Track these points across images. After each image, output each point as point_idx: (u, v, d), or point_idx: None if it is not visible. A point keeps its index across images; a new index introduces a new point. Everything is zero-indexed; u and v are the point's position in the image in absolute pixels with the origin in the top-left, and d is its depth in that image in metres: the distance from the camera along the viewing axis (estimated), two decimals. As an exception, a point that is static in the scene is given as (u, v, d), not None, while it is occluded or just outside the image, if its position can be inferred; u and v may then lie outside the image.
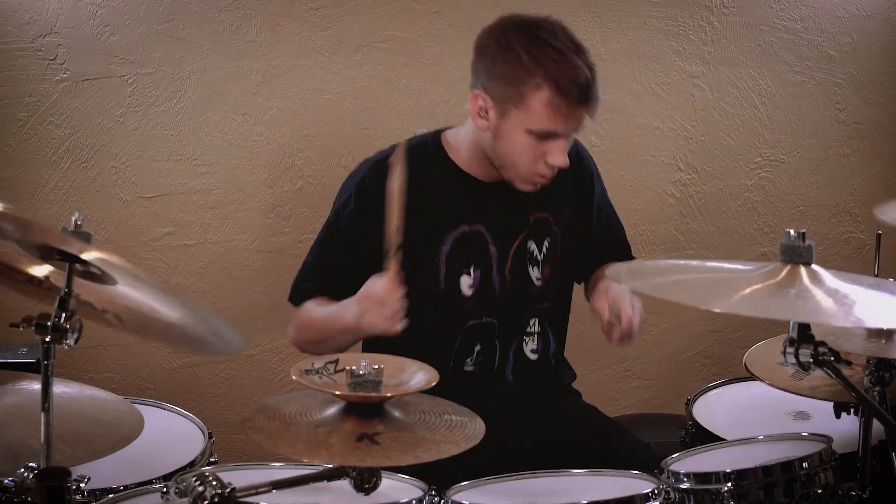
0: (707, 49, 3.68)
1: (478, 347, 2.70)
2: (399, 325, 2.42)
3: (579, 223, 2.80)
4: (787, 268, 1.94)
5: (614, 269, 2.31)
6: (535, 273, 2.73)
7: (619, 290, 2.54)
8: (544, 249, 2.73)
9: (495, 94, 2.51)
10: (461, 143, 2.67)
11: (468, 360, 2.70)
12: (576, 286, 2.92)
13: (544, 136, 2.50)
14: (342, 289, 2.57)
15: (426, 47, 3.50)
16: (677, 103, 3.68)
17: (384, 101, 3.52)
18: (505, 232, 2.67)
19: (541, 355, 2.77)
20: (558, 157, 2.51)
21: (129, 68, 3.39)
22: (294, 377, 1.89)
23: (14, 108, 3.35)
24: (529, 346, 2.76)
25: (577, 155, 2.76)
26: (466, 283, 2.66)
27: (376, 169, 2.63)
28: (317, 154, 3.52)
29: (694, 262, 2.06)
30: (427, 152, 2.68)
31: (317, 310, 2.64)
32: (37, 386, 2.09)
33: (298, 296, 2.71)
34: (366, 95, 3.50)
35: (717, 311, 1.82)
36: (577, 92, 2.46)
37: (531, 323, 2.75)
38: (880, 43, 3.77)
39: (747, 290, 1.87)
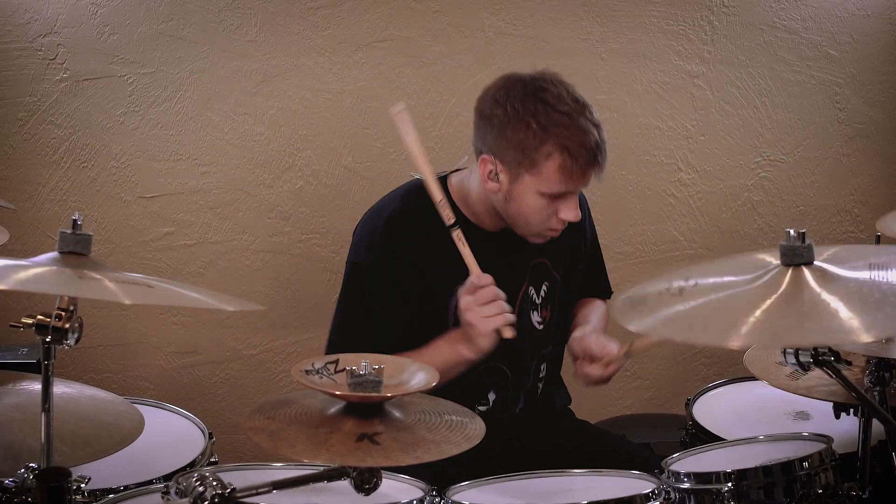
0: (707, 49, 3.68)
1: (492, 396, 2.71)
2: (511, 318, 2.48)
3: (574, 262, 2.83)
4: (790, 272, 1.89)
5: (619, 309, 2.18)
6: (535, 317, 2.74)
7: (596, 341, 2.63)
8: (542, 293, 2.75)
9: (506, 161, 2.52)
10: (468, 193, 2.66)
11: (482, 407, 2.70)
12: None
13: (556, 196, 2.53)
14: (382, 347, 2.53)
15: (426, 47, 3.50)
16: (677, 103, 3.68)
17: (384, 100, 3.51)
18: (509, 280, 2.65)
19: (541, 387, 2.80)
20: (570, 213, 2.56)
21: (129, 68, 3.39)
22: (294, 377, 1.89)
23: (14, 108, 3.35)
24: (540, 390, 2.78)
25: None
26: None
27: (399, 212, 2.66)
28: (317, 154, 3.52)
29: (690, 282, 2.00)
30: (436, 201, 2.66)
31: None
32: (37, 386, 2.10)
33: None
34: (366, 95, 3.50)
35: (734, 347, 1.76)
36: (588, 156, 2.49)
37: (541, 368, 2.77)
38: (880, 42, 3.77)
39: (757, 313, 1.81)
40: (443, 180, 2.69)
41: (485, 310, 2.47)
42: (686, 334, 1.89)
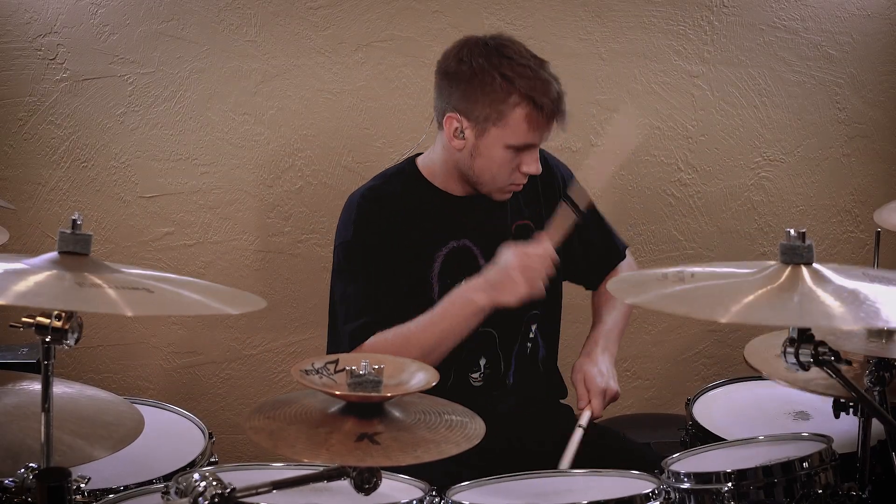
0: (707, 49, 3.68)
1: (483, 361, 2.73)
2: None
3: None
4: (788, 269, 1.94)
5: (616, 284, 2.30)
6: None
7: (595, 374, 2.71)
8: None
9: (472, 116, 2.62)
10: (434, 163, 2.75)
11: (475, 374, 2.73)
12: (573, 288, 2.96)
13: (520, 149, 2.62)
14: (393, 316, 2.59)
15: (426, 47, 3.50)
16: (677, 103, 3.68)
17: (384, 100, 3.52)
18: (490, 243, 2.68)
19: (539, 360, 2.82)
20: (532, 165, 2.66)
21: (129, 68, 3.39)
22: (294, 377, 1.89)
23: (14, 108, 3.36)
24: (531, 351, 2.79)
25: (546, 162, 2.83)
26: None
27: (374, 188, 2.75)
28: (317, 154, 3.52)
29: (694, 269, 2.05)
30: (405, 177, 2.76)
31: (407, 325, 2.58)
32: (37, 386, 2.09)
33: (362, 334, 2.61)
34: (366, 95, 3.50)
35: (722, 321, 1.82)
36: (552, 106, 2.60)
37: (532, 329, 2.79)
38: (880, 43, 3.77)
39: (750, 297, 1.88)
40: (411, 161, 2.79)
41: (536, 272, 2.51)
42: (679, 308, 1.96)
